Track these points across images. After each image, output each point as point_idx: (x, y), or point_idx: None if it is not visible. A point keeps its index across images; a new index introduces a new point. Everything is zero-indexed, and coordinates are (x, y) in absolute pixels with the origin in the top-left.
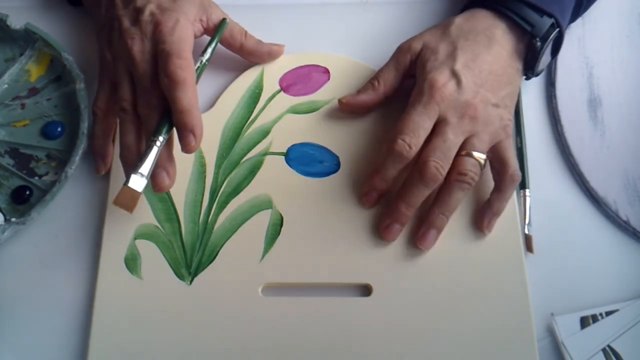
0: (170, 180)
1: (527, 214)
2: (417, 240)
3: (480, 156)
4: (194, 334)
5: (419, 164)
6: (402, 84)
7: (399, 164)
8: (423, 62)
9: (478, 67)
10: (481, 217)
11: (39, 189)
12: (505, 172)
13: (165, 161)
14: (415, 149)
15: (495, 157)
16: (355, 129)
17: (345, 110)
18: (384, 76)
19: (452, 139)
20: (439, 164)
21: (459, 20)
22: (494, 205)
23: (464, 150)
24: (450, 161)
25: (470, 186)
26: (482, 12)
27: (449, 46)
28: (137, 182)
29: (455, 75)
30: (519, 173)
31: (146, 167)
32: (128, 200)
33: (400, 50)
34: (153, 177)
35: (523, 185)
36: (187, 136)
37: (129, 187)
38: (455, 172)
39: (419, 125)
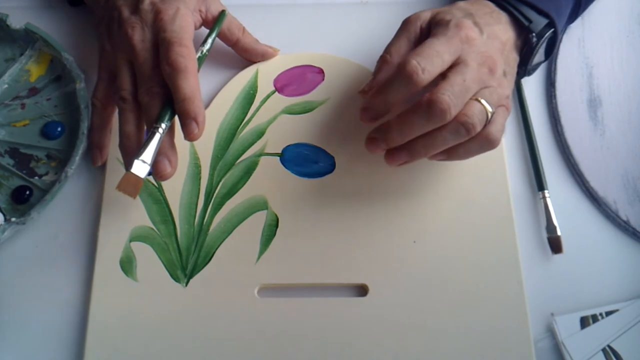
0: (172, 168)
1: (553, 216)
2: (387, 154)
3: (489, 107)
4: (190, 335)
5: (432, 94)
6: None
7: (405, 87)
8: (439, 19)
9: (492, 33)
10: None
11: (39, 189)
12: (487, 128)
13: (167, 149)
14: (428, 76)
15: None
16: (351, 129)
17: (367, 96)
18: (395, 47)
19: (470, 82)
20: (453, 101)
21: (463, 3)
22: (453, 148)
23: (474, 96)
24: (464, 103)
25: (467, 133)
26: (484, 1)
27: (462, 11)
28: (140, 168)
29: (477, 25)
30: (498, 137)
31: (148, 154)
32: (131, 186)
33: (408, 21)
34: (155, 164)
35: (541, 187)
36: (190, 124)
37: (132, 172)
38: (460, 113)
39: (439, 53)
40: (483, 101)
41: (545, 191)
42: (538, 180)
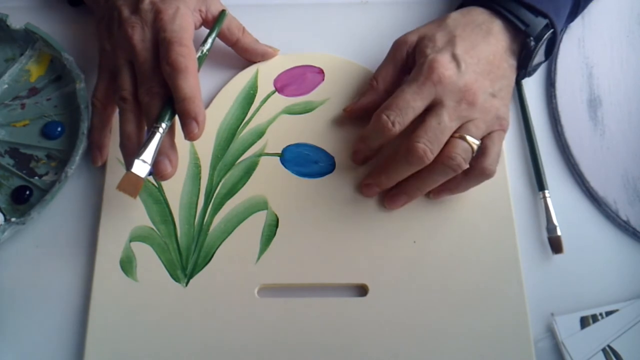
0: (172, 168)
1: (553, 216)
2: (386, 199)
3: (474, 141)
4: (190, 335)
5: (408, 142)
6: (400, 79)
7: (381, 138)
8: (421, 49)
9: (476, 55)
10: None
11: (39, 189)
12: (480, 162)
13: (167, 149)
14: (399, 127)
15: (481, 145)
16: (351, 129)
17: (351, 117)
18: (382, 74)
19: (447, 122)
20: (429, 147)
21: (455, 14)
22: (451, 183)
23: (457, 133)
24: (442, 145)
25: (454, 172)
26: (478, 9)
27: (447, 35)
28: (140, 168)
29: (455, 58)
30: (493, 169)
31: (149, 153)
32: (131, 186)
33: (396, 44)
34: (156, 164)
35: (542, 187)
36: (190, 124)
37: (132, 172)
38: (443, 154)
39: (409, 103)
40: (467, 137)
41: (546, 191)
42: (538, 180)
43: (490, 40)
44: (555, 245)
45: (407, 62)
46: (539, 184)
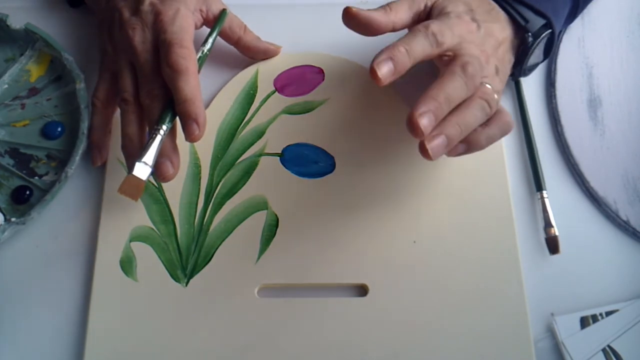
0: (174, 169)
1: (550, 215)
2: (426, 141)
3: (495, 89)
4: (190, 335)
5: (460, 61)
6: (410, 25)
7: (428, 43)
8: (442, 7)
9: (489, 30)
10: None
11: (39, 189)
12: (499, 111)
13: (168, 150)
14: (443, 42)
15: None
16: (351, 129)
17: (350, 18)
18: (397, 7)
19: (479, 58)
20: (478, 68)
21: None
22: (472, 134)
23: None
24: (482, 73)
25: (490, 110)
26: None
27: (465, 5)
28: (142, 171)
29: (475, 21)
30: (511, 121)
31: (150, 155)
32: (133, 188)
33: None
34: (157, 166)
35: (539, 187)
36: (191, 125)
37: (133, 175)
38: (479, 90)
39: (449, 27)
40: (486, 82)
41: (544, 191)
42: (536, 180)
43: (498, 26)
44: (552, 245)
45: (422, 13)
46: (537, 184)
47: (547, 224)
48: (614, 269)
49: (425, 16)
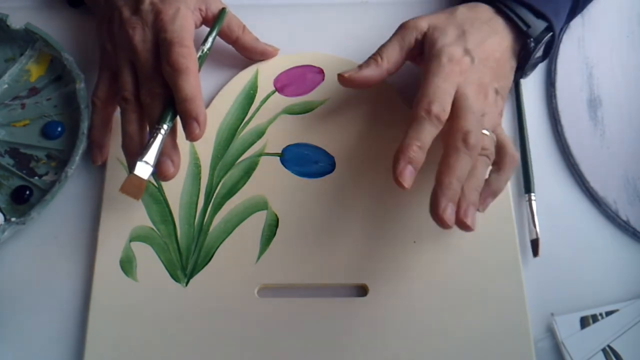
0: (175, 168)
1: (535, 218)
2: (461, 218)
3: (492, 135)
4: (190, 335)
5: (460, 133)
6: (403, 63)
7: (435, 128)
8: (433, 39)
9: (485, 52)
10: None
11: (39, 189)
12: (505, 153)
13: (169, 149)
14: (445, 115)
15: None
16: (351, 129)
17: (346, 85)
18: (388, 53)
19: (478, 111)
20: (475, 132)
21: (462, 8)
22: (493, 184)
23: None
24: (482, 130)
25: (490, 160)
26: (483, 5)
27: (457, 29)
28: (143, 170)
29: (468, 53)
30: (517, 155)
31: (151, 155)
32: (134, 188)
33: (405, 27)
34: (158, 165)
35: (528, 189)
36: (191, 124)
37: (135, 174)
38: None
39: (445, 91)
40: (485, 131)
41: (532, 194)
42: (526, 181)
43: (496, 38)
44: (534, 247)
45: (414, 48)
46: (526, 185)
47: (531, 226)
48: (614, 269)
49: (417, 50)
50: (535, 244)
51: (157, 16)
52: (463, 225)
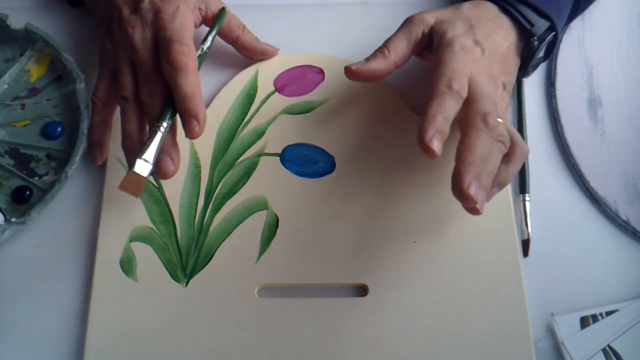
0: (174, 166)
1: (527, 218)
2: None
3: (507, 123)
4: (190, 336)
5: (480, 114)
6: (410, 57)
7: (456, 104)
8: (442, 31)
9: (493, 45)
10: None
11: (39, 189)
12: (516, 145)
13: (169, 147)
14: (465, 94)
15: None
16: (351, 129)
17: (353, 77)
18: (395, 45)
19: (492, 98)
20: (496, 117)
21: (467, 5)
22: (501, 175)
23: None
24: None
25: (505, 148)
26: (487, 3)
27: (465, 22)
28: (143, 167)
29: (478, 44)
30: (527, 148)
31: (151, 152)
32: (134, 185)
33: (411, 21)
34: (158, 163)
35: (523, 190)
36: (191, 122)
37: (134, 172)
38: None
39: (463, 73)
40: (499, 120)
41: (526, 195)
42: (521, 182)
43: (502, 33)
44: (525, 248)
45: (421, 41)
46: (521, 186)
47: (523, 226)
48: (614, 269)
49: (424, 43)
50: (526, 245)
51: (156, 15)
52: (472, 208)
